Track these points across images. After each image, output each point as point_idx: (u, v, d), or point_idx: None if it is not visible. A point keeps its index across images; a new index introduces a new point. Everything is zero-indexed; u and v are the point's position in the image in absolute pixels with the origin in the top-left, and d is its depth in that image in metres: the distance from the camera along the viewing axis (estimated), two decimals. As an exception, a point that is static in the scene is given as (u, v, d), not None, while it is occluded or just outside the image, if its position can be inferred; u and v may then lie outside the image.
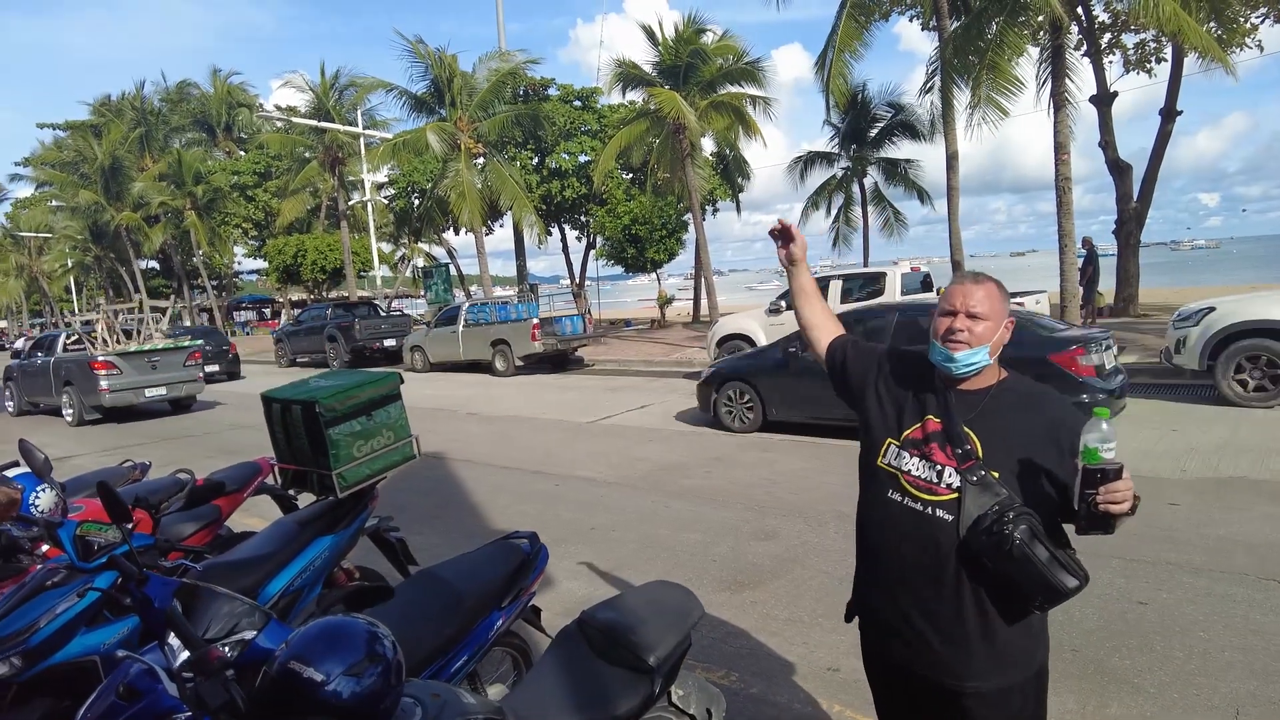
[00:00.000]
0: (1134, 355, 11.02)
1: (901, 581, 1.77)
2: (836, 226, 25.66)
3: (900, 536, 1.76)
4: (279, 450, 3.42)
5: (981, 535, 1.60)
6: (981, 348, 1.72)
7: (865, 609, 1.94)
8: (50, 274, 49.78)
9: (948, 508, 1.68)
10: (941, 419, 1.74)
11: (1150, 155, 18.09)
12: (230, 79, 41.70)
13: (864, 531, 1.91)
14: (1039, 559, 1.54)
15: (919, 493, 1.73)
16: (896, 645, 1.81)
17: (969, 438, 1.70)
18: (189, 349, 13.89)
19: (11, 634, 2.52)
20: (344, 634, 1.40)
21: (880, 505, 1.81)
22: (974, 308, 1.73)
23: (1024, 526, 1.56)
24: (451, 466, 7.87)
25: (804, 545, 5.00)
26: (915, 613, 1.75)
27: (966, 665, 1.70)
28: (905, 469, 1.76)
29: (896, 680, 1.88)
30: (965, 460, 1.68)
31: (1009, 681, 1.71)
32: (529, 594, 2.77)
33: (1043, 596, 1.59)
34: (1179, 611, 3.73)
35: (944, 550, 1.68)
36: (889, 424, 1.83)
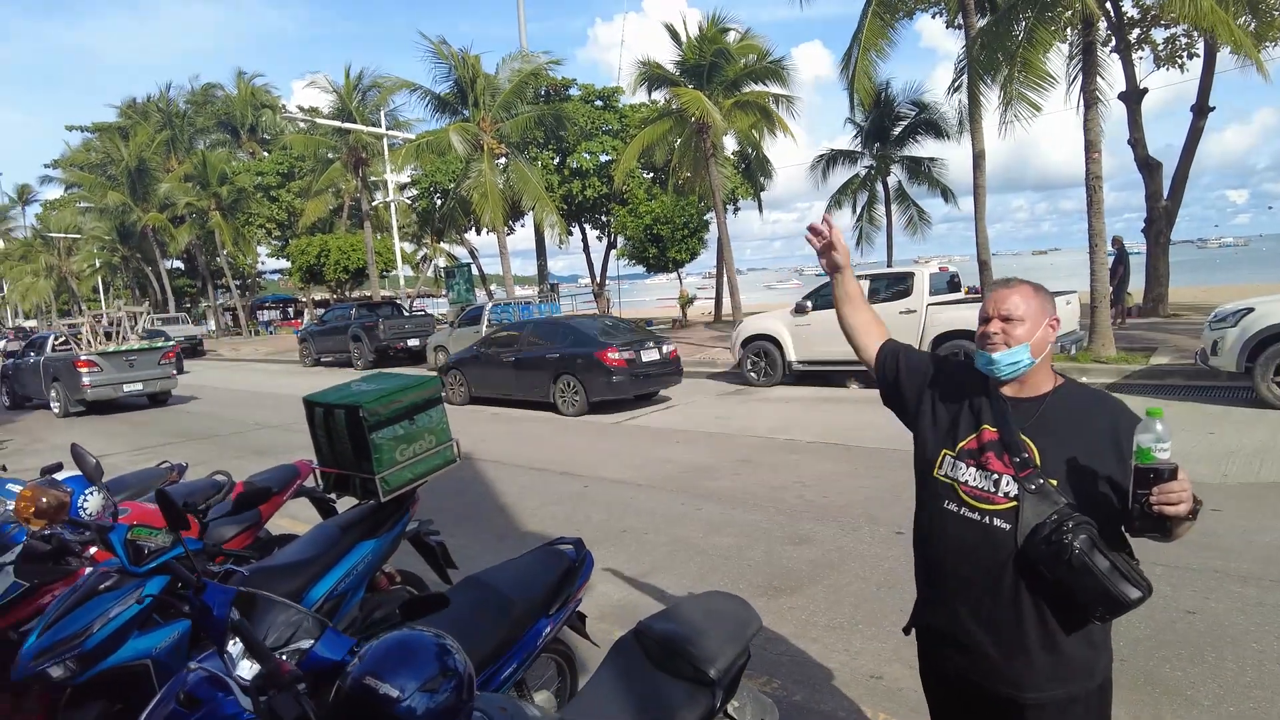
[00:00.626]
0: (1166, 356, 10.86)
1: (960, 591, 1.76)
2: (860, 225, 25.48)
3: (958, 546, 1.75)
4: (321, 454, 3.43)
5: (1040, 544, 1.58)
6: (1020, 347, 1.72)
7: (923, 619, 1.92)
8: (79, 274, 50.56)
9: (1005, 517, 1.66)
10: (998, 427, 1.73)
11: (1181, 152, 17.79)
12: (253, 81, 42.18)
13: (922, 543, 1.89)
14: (1099, 569, 1.51)
15: (976, 502, 1.71)
16: (955, 655, 1.80)
17: (1026, 446, 1.68)
18: (163, 349, 15.50)
19: (67, 637, 2.55)
20: (417, 649, 1.39)
21: (937, 516, 1.80)
22: (1006, 311, 1.74)
23: (1084, 536, 1.53)
24: (479, 467, 7.88)
25: (839, 550, 4.95)
26: (974, 623, 1.73)
27: (1027, 676, 1.68)
28: (962, 479, 1.75)
29: (954, 691, 1.86)
30: (1023, 468, 1.66)
31: (1070, 692, 1.68)
32: (575, 600, 2.76)
33: (1103, 607, 1.56)
34: (1229, 621, 3.66)
35: (1002, 559, 1.66)
36: (943, 435, 1.82)
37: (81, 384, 13.84)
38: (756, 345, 12.45)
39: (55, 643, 2.54)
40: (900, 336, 7.92)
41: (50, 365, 14.67)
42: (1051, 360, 1.80)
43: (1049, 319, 1.75)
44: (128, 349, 14.88)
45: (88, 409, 14.38)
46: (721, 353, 15.76)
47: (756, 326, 12.63)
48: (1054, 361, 6.58)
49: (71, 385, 14.04)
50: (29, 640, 2.58)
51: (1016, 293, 1.77)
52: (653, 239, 23.05)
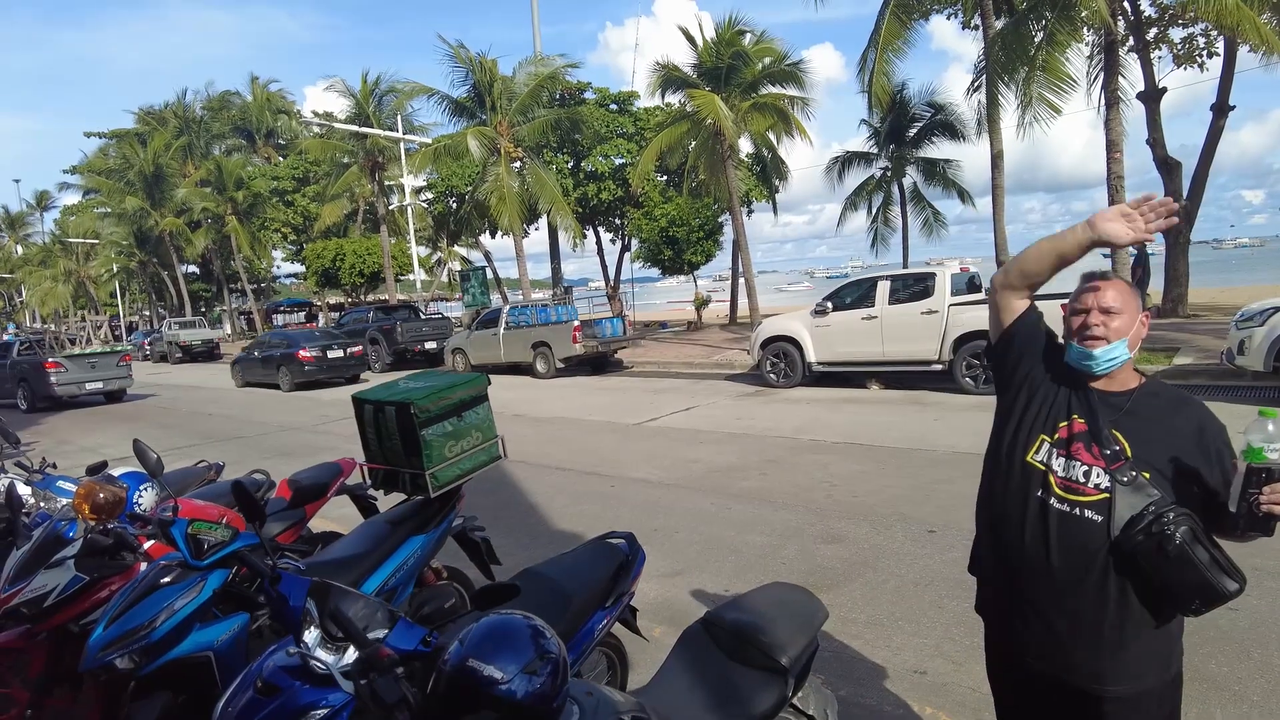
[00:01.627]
0: (1189, 356, 10.79)
1: (1041, 582, 1.74)
2: (875, 227, 25.46)
3: (1045, 536, 1.72)
4: (369, 450, 3.48)
5: (1138, 536, 1.58)
6: (1120, 342, 1.71)
7: (997, 610, 1.91)
8: (97, 279, 51.03)
9: (1097, 509, 1.66)
10: (1086, 419, 1.72)
11: (1200, 152, 17.69)
12: (269, 86, 42.54)
13: (1000, 528, 1.84)
14: (1200, 561, 1.52)
15: (1065, 493, 1.70)
16: (1032, 647, 1.79)
17: (1116, 438, 1.68)
18: (121, 353, 18.07)
19: (132, 629, 2.60)
20: (513, 632, 1.42)
21: (1024, 503, 1.76)
22: (1108, 303, 1.72)
23: (1185, 528, 1.53)
24: (507, 467, 7.91)
25: (873, 548, 4.96)
26: (1055, 614, 1.73)
27: (1106, 669, 1.68)
28: (1055, 468, 1.73)
29: (1026, 682, 1.85)
30: (1114, 461, 1.66)
31: (1146, 686, 1.69)
32: (630, 594, 2.79)
33: (1199, 599, 1.56)
34: (1272, 619, 3.65)
35: (1091, 552, 1.66)
36: (1042, 419, 1.78)
37: (49, 382, 16.05)
38: (776, 346, 12.45)
39: (122, 635, 2.59)
40: (922, 338, 7.98)
41: (18, 367, 16.83)
42: None
43: (1142, 314, 1.76)
44: (90, 352, 17.75)
45: (51, 405, 16.62)
46: (738, 354, 15.78)
47: (776, 328, 12.63)
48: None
49: (39, 384, 16.27)
50: (95, 632, 2.63)
51: (1114, 285, 1.76)
52: (668, 241, 23.09)
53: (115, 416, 14.97)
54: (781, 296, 59.35)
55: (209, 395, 17.95)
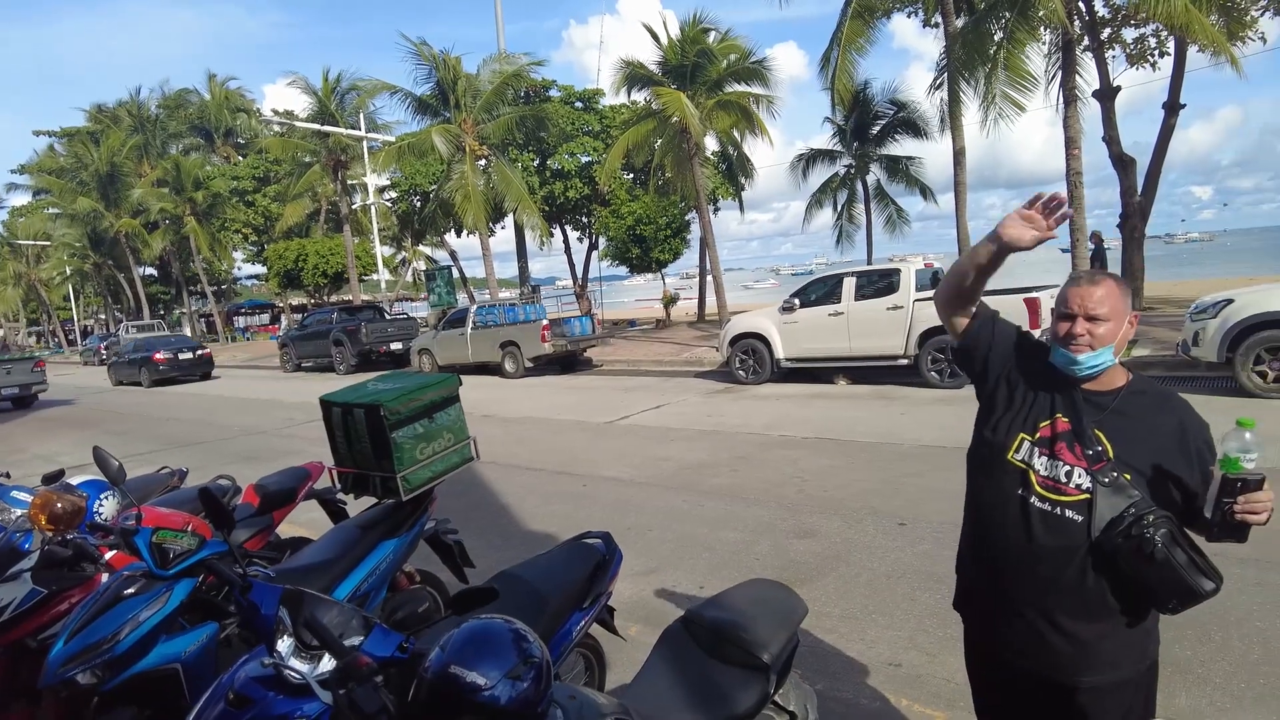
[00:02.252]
0: (1146, 348, 11.06)
1: (1021, 580, 1.76)
2: (840, 224, 25.73)
3: (1026, 535, 1.73)
4: (338, 454, 3.42)
5: (1118, 538, 1.59)
6: (1104, 349, 1.70)
7: (977, 606, 1.93)
8: (48, 282, 49.63)
9: (1077, 508, 1.67)
10: (1070, 419, 1.73)
11: (1153, 149, 18.12)
12: (227, 84, 41.66)
13: (982, 527, 1.86)
14: (1179, 563, 1.55)
15: (1047, 492, 1.71)
16: (1012, 642, 1.81)
17: (1099, 439, 1.69)
18: (35, 359, 18.94)
19: (95, 643, 2.52)
20: (496, 637, 1.41)
21: (1005, 502, 1.77)
22: (1092, 309, 1.70)
23: (1164, 530, 1.56)
24: (477, 468, 7.82)
25: (845, 542, 5.01)
26: (1033, 611, 1.75)
27: (1083, 662, 1.71)
28: (1036, 467, 1.74)
29: (1003, 674, 1.88)
30: (1096, 461, 1.67)
31: (1122, 676, 1.72)
32: (607, 594, 2.77)
33: (1177, 599, 1.59)
34: (1232, 601, 3.74)
35: (1071, 550, 1.67)
36: (1021, 419, 1.79)
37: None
38: (745, 343, 12.51)
39: (84, 649, 2.51)
40: (887, 333, 8.04)
41: None
42: None
43: (1130, 316, 1.73)
44: (5, 358, 19.02)
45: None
46: (707, 352, 15.83)
47: (745, 325, 12.69)
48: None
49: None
50: (56, 646, 2.55)
51: (1103, 288, 1.71)
52: (635, 239, 23.08)
53: (71, 423, 14.57)
54: (747, 294, 59.68)
55: (169, 399, 17.56)
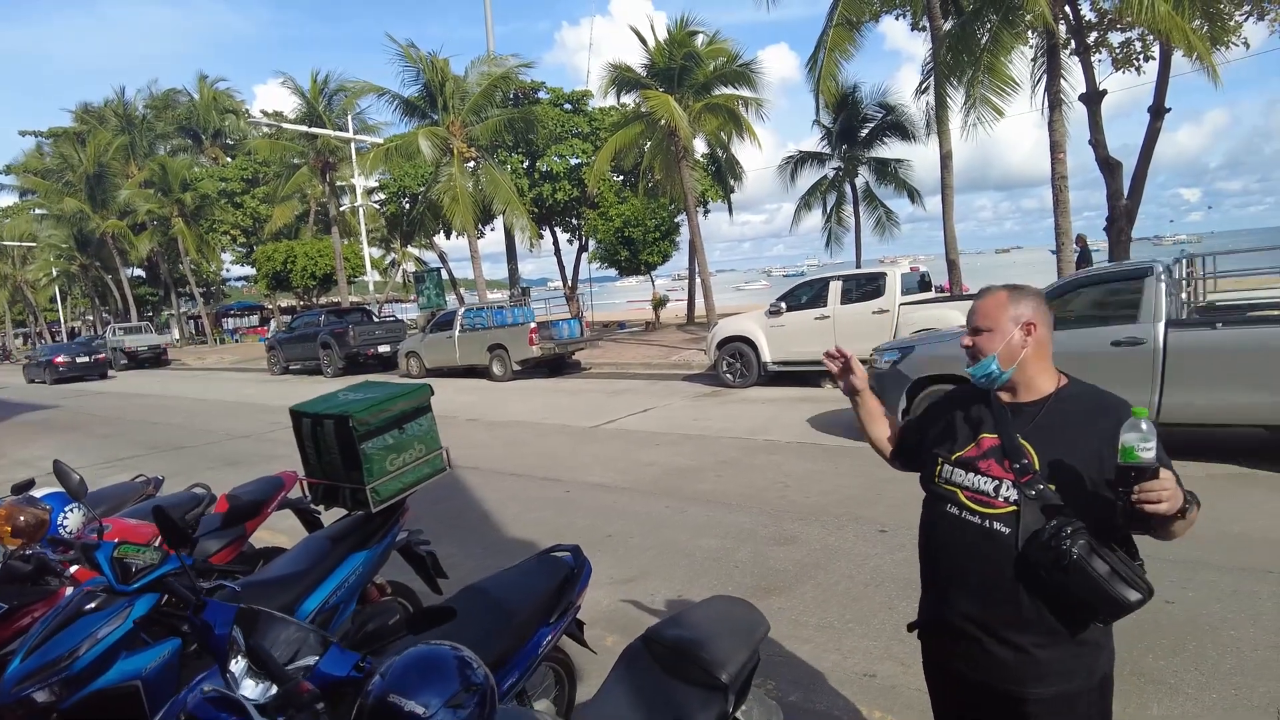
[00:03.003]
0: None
1: (961, 592, 1.80)
2: (829, 226, 25.74)
3: (959, 549, 1.79)
4: (309, 465, 3.39)
5: (1038, 550, 1.61)
6: (987, 359, 1.78)
7: (927, 619, 1.95)
8: (35, 284, 49.21)
9: (1005, 520, 1.70)
10: (998, 433, 1.77)
11: (1139, 152, 18.21)
12: (216, 85, 41.41)
13: (925, 546, 1.93)
14: (1097, 573, 1.55)
15: (977, 506, 1.75)
16: (958, 653, 1.84)
17: (1026, 451, 1.71)
18: None
19: (53, 660, 2.48)
20: (438, 664, 1.38)
21: (940, 519, 1.85)
22: (975, 321, 1.82)
23: (1082, 541, 1.56)
24: (460, 474, 7.82)
25: (825, 549, 5.00)
26: (974, 624, 1.77)
27: (1027, 672, 1.71)
28: (962, 484, 1.79)
29: (957, 687, 1.89)
30: (1023, 474, 1.69)
31: (1071, 688, 1.71)
32: (575, 608, 2.75)
33: (1104, 610, 1.60)
34: (1206, 610, 3.75)
35: (1002, 562, 1.70)
36: (942, 445, 1.88)
37: None
38: (732, 347, 12.50)
39: (41, 666, 2.47)
40: (873, 337, 7.98)
41: None
42: (1048, 360, 1.81)
43: (1020, 324, 1.76)
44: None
45: None
46: (695, 355, 15.81)
47: (732, 328, 12.68)
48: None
49: None
50: (12, 664, 2.50)
51: (987, 301, 1.82)
52: (624, 241, 23.06)
53: (54, 427, 14.45)
54: (739, 295, 59.81)
55: (155, 403, 17.44)
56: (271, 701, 1.55)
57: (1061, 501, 1.65)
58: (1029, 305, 1.79)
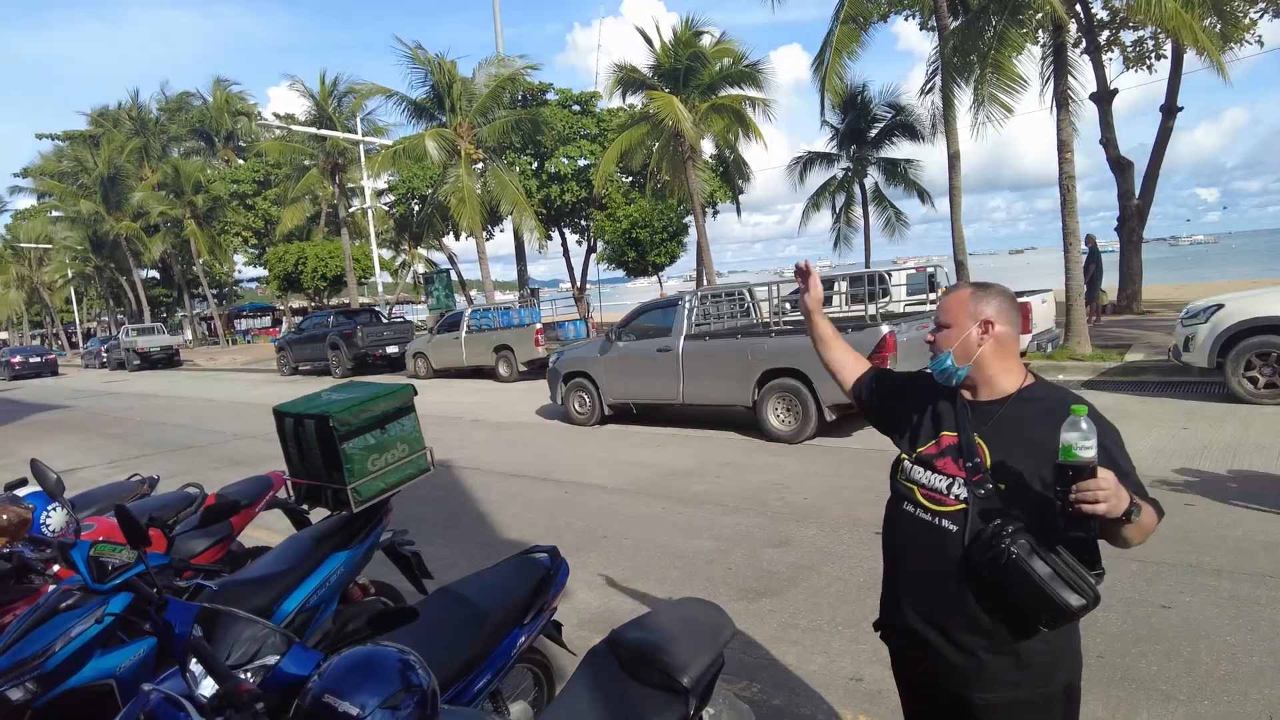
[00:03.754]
0: (1140, 353, 10.99)
1: (912, 590, 1.79)
2: (838, 227, 25.64)
3: (911, 546, 1.79)
4: (291, 465, 3.38)
5: (981, 549, 1.58)
6: (944, 355, 1.76)
7: (885, 618, 1.94)
8: (51, 285, 49.74)
9: (954, 519, 1.68)
10: (958, 431, 1.74)
11: (1151, 152, 18.06)
12: (229, 88, 41.76)
13: (884, 543, 1.94)
14: (1037, 574, 1.50)
15: (929, 504, 1.74)
16: (912, 653, 1.83)
17: (980, 449, 1.69)
18: None
19: (27, 658, 2.48)
20: (377, 665, 1.36)
21: (896, 517, 1.85)
22: (938, 317, 1.81)
23: (1022, 541, 1.53)
24: (459, 475, 7.83)
25: (820, 551, 4.95)
26: (923, 622, 1.75)
27: (974, 675, 1.68)
28: (919, 481, 1.78)
29: (917, 687, 1.88)
30: (974, 473, 1.67)
31: (1021, 696, 1.66)
32: (551, 610, 2.72)
33: (1045, 613, 1.55)
34: (1203, 615, 3.68)
35: (949, 560, 1.67)
36: (906, 442, 1.87)
37: None
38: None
39: (14, 664, 2.47)
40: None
41: None
42: (1011, 359, 1.77)
43: (978, 322, 1.73)
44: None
45: None
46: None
47: (736, 329, 12.64)
48: (1031, 359, 6.69)
49: None
50: (-12, 661, 2.51)
51: (950, 298, 1.81)
52: (631, 243, 23.05)
53: (65, 427, 14.58)
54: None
55: (165, 403, 17.56)
56: (209, 701, 1.53)
57: (1009, 501, 1.62)
58: (991, 304, 1.76)
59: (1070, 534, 1.52)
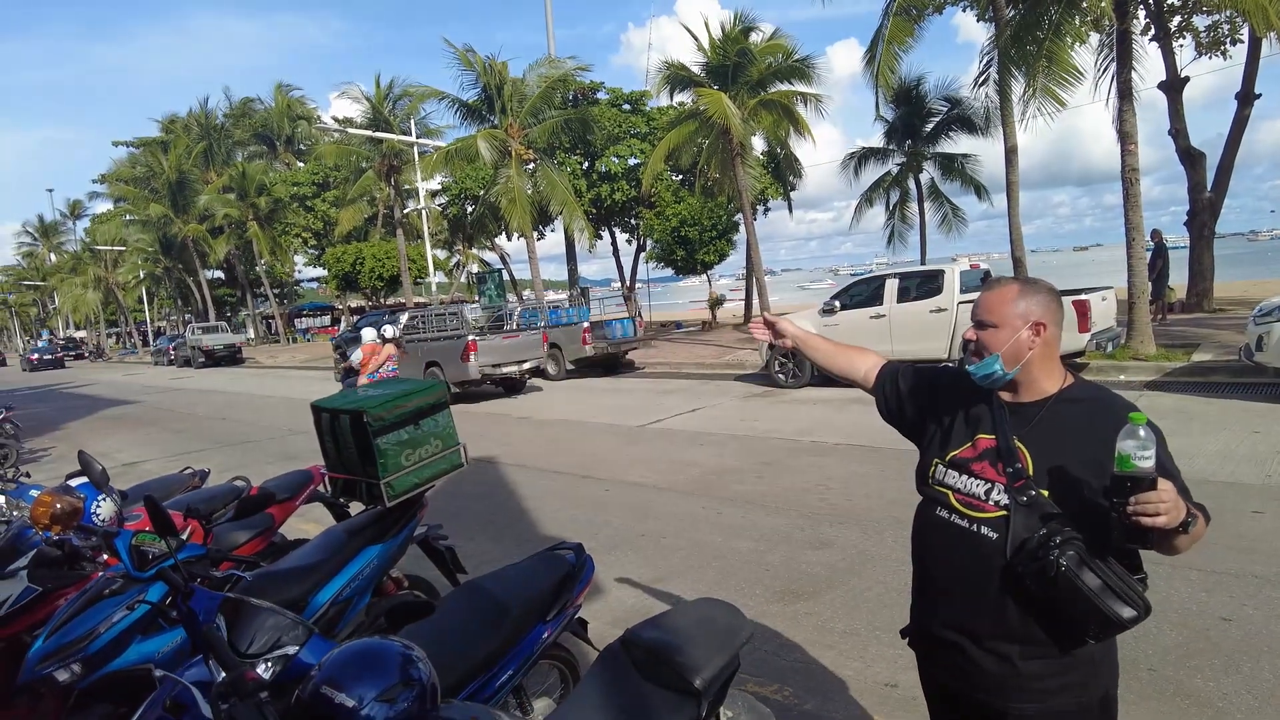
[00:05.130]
0: (1209, 353, 10.50)
1: (946, 598, 1.72)
2: (892, 223, 25.14)
3: (946, 553, 1.70)
4: (328, 459, 3.44)
5: (1026, 559, 1.50)
6: (990, 359, 1.64)
7: (915, 626, 1.87)
8: (124, 285, 51.94)
9: (994, 526, 1.60)
10: (995, 434, 1.66)
11: (1226, 142, 17.24)
12: (290, 93, 43.02)
13: (914, 549, 1.86)
14: (1088, 587, 1.43)
15: (966, 510, 1.66)
16: (945, 663, 1.75)
17: (1020, 454, 1.60)
18: None
19: (72, 641, 2.58)
20: (377, 657, 1.36)
21: (929, 523, 1.76)
22: (980, 315, 1.68)
23: (1071, 552, 1.45)
24: (503, 471, 7.90)
25: (860, 554, 4.85)
26: (958, 631, 1.68)
27: (1011, 685, 1.61)
28: (954, 486, 1.69)
29: (946, 697, 1.81)
30: (1016, 479, 1.58)
31: (1058, 705, 1.59)
32: (575, 606, 2.71)
33: (1095, 625, 1.47)
34: (1267, 629, 3.49)
35: (988, 568, 1.59)
36: (937, 445, 1.79)
37: None
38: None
39: (61, 646, 2.57)
40: (931, 336, 7.83)
41: None
42: (1055, 360, 1.68)
43: (1030, 323, 1.62)
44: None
45: None
46: (749, 354, 15.63)
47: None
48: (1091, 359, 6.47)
49: None
50: (36, 644, 2.61)
51: (996, 295, 1.68)
52: (680, 241, 22.98)
53: (132, 421, 15.19)
54: (804, 295, 58.99)
55: (226, 399, 18.17)
56: (217, 688, 1.56)
57: (1054, 509, 1.54)
58: (1040, 303, 1.65)
59: (1125, 546, 1.44)
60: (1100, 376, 9.92)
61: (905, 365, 2.02)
